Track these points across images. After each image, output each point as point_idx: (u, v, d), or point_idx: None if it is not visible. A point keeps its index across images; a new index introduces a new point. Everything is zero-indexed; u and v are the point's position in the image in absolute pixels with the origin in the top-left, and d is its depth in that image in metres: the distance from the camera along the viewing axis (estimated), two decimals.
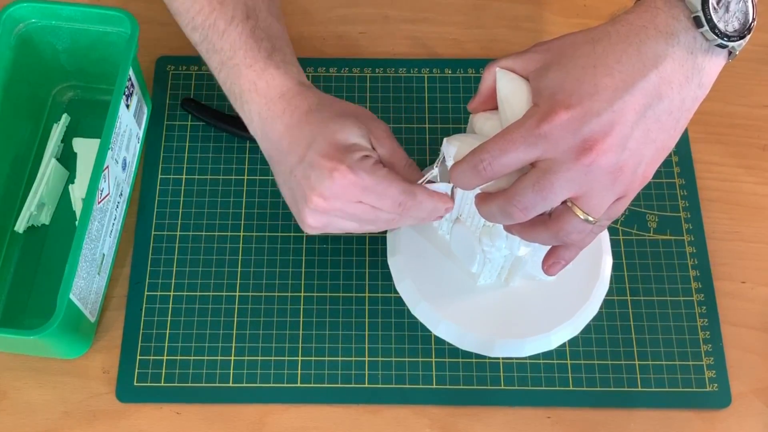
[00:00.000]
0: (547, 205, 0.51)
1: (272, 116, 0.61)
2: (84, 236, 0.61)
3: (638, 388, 0.67)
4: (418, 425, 0.66)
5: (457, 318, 0.64)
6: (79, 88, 0.77)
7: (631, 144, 0.49)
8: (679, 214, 0.74)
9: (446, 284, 0.66)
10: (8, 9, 0.67)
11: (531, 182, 0.50)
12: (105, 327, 0.69)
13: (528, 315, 0.65)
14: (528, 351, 0.64)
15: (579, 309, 0.65)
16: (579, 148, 0.48)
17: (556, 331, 0.64)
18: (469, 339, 0.64)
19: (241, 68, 0.62)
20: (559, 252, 0.57)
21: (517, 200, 0.51)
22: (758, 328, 0.70)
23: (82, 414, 0.66)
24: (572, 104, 0.48)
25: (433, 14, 0.83)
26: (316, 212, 0.58)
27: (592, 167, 0.48)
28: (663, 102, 0.49)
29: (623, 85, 0.48)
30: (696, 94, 0.50)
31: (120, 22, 0.68)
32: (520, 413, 0.67)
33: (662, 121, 0.49)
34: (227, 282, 0.70)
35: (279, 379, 0.67)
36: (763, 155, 0.77)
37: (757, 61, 0.81)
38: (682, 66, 0.48)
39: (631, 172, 0.50)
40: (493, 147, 0.50)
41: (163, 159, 0.75)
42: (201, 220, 0.73)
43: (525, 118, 0.50)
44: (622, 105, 0.48)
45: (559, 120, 0.48)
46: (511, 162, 0.50)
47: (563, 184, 0.49)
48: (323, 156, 0.57)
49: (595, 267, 0.66)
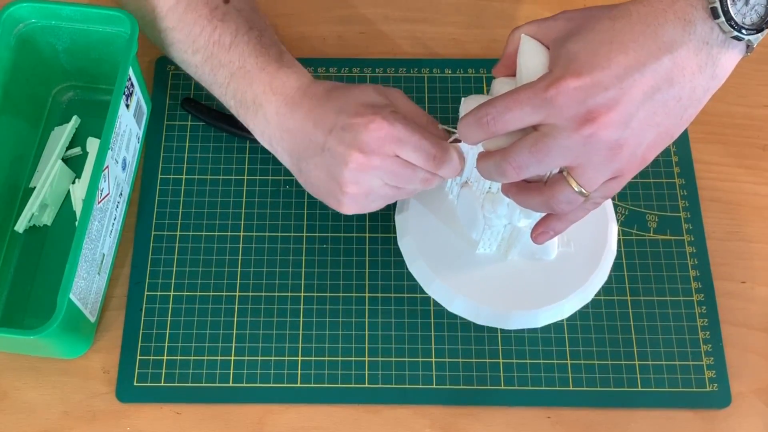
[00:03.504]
0: (541, 168, 0.51)
1: (292, 108, 0.63)
2: (84, 236, 0.61)
3: (638, 388, 0.67)
4: (418, 425, 0.66)
5: (471, 293, 0.65)
6: (79, 88, 0.77)
7: (634, 123, 0.49)
8: (679, 214, 0.74)
9: (458, 261, 0.66)
10: (8, 9, 0.67)
11: (529, 143, 0.51)
12: (105, 327, 0.69)
13: (539, 286, 0.66)
14: (543, 321, 0.65)
15: (589, 277, 0.65)
16: (582, 118, 0.48)
17: (569, 299, 0.65)
18: (484, 313, 0.65)
19: (254, 73, 0.64)
20: (550, 222, 0.58)
21: (512, 158, 0.51)
22: (758, 328, 0.70)
23: (82, 414, 0.66)
24: (582, 74, 0.48)
25: (433, 14, 0.83)
26: (357, 174, 0.59)
27: (592, 139, 0.49)
28: (673, 87, 0.49)
29: (636, 64, 0.48)
30: (708, 85, 0.50)
31: (120, 22, 0.68)
32: (520, 413, 0.67)
33: (669, 106, 0.49)
34: (227, 282, 0.70)
35: (279, 379, 0.67)
36: (763, 155, 0.77)
37: (757, 61, 0.81)
38: (697, 55, 0.48)
39: (630, 151, 0.50)
40: (499, 103, 0.51)
41: (163, 159, 0.75)
42: (201, 220, 0.73)
43: (536, 81, 0.50)
44: (631, 83, 0.48)
45: (567, 87, 0.48)
46: (515, 120, 0.51)
47: (560, 150, 0.50)
48: (355, 115, 0.59)
49: (602, 235, 0.67)
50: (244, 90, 0.65)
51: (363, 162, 0.59)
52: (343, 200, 0.62)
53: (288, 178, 0.74)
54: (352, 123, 0.59)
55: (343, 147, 0.59)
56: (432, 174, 0.60)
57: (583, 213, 0.56)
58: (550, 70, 0.51)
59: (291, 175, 0.74)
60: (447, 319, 0.69)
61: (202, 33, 0.66)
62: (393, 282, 0.70)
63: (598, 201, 0.55)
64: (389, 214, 0.72)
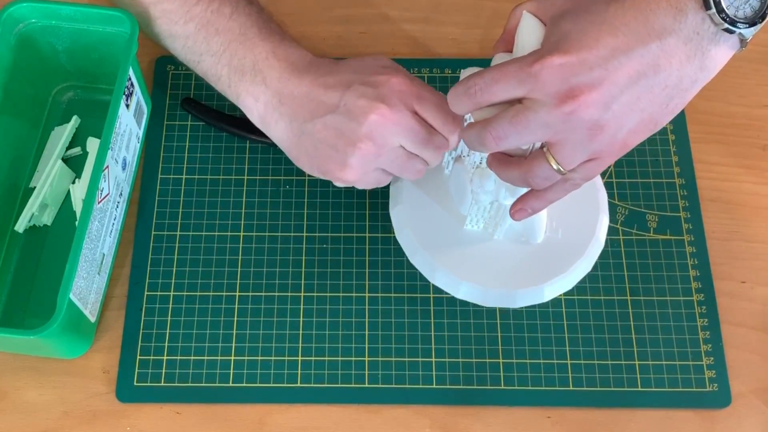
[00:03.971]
0: (520, 139, 0.52)
1: (297, 75, 0.63)
2: (84, 236, 0.61)
3: (638, 388, 0.67)
4: (418, 425, 0.66)
5: (453, 268, 0.66)
6: (79, 88, 0.77)
7: (616, 107, 0.49)
8: (679, 214, 0.74)
9: (446, 237, 0.67)
10: (8, 9, 0.67)
11: (510, 114, 0.51)
12: (105, 327, 0.69)
13: (521, 267, 0.66)
14: (520, 302, 0.65)
15: (573, 264, 0.66)
16: (563, 95, 0.49)
17: (550, 283, 0.65)
18: (464, 288, 0.65)
19: (256, 41, 0.64)
20: (528, 200, 0.59)
21: (493, 128, 0.52)
22: (758, 328, 0.70)
23: (82, 414, 0.66)
24: (569, 52, 0.49)
25: (433, 14, 0.83)
26: (375, 128, 0.59)
27: (572, 117, 0.49)
28: (659, 75, 0.49)
29: (623, 47, 0.49)
30: (696, 75, 0.50)
31: (120, 22, 0.68)
32: (520, 413, 0.67)
33: (654, 93, 0.50)
34: (227, 282, 0.70)
35: (279, 379, 0.67)
36: (763, 155, 0.77)
37: (757, 61, 0.81)
38: (686, 45, 0.49)
39: (611, 134, 0.51)
40: (487, 74, 0.52)
41: (163, 159, 0.75)
42: (201, 220, 0.73)
43: (525, 56, 0.51)
44: (616, 65, 0.49)
45: (552, 63, 0.49)
46: (500, 92, 0.51)
47: (539, 125, 0.50)
48: (375, 74, 0.60)
49: (591, 226, 0.67)
50: (243, 55, 0.64)
51: (385, 114, 0.59)
52: (349, 161, 0.61)
53: (288, 178, 0.74)
54: (373, 79, 0.60)
55: (364, 100, 0.59)
56: (445, 141, 0.61)
57: (563, 193, 0.57)
58: (541, 47, 0.52)
59: (291, 174, 0.74)
60: (447, 319, 0.69)
61: (199, 3, 0.65)
62: (393, 282, 0.70)
63: (578, 182, 0.55)
64: (389, 214, 0.72)
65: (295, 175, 0.75)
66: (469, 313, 0.69)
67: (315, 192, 0.74)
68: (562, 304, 0.70)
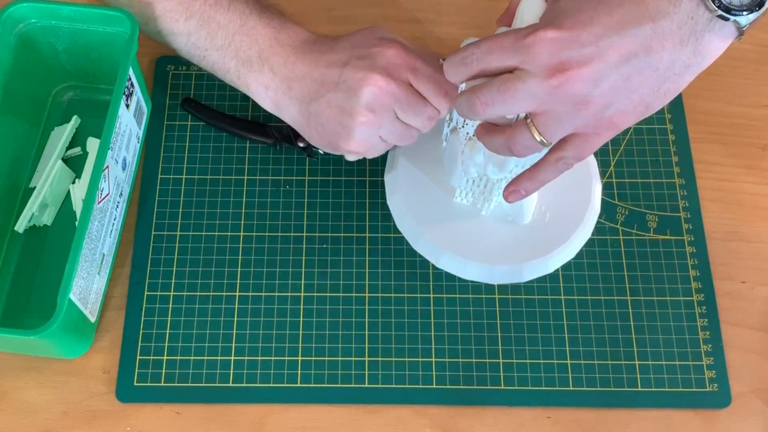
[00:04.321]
0: (506, 108, 0.53)
1: (301, 56, 0.65)
2: (84, 236, 0.61)
3: (638, 388, 0.67)
4: (418, 425, 0.66)
5: (435, 236, 0.67)
6: (79, 88, 0.77)
7: (605, 85, 0.50)
8: (679, 214, 0.74)
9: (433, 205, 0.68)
10: (8, 9, 0.67)
11: (499, 82, 0.52)
12: (105, 327, 0.69)
13: (526, 242, 0.67)
14: (527, 276, 0.66)
15: (572, 233, 0.67)
16: (553, 68, 0.50)
17: (553, 255, 0.66)
18: (444, 257, 0.66)
19: (258, 29, 0.65)
20: (521, 181, 0.59)
21: (481, 93, 0.53)
22: (758, 328, 0.70)
23: (82, 414, 0.66)
24: (563, 28, 0.50)
25: (433, 14, 0.83)
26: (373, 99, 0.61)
27: (559, 90, 0.50)
28: (650, 56, 0.50)
29: (616, 26, 0.49)
30: (689, 60, 0.50)
31: (120, 22, 0.68)
32: (520, 413, 0.67)
33: (645, 74, 0.50)
34: (227, 282, 0.70)
35: (279, 379, 0.67)
36: (763, 155, 0.77)
37: (757, 61, 0.81)
38: (680, 28, 0.49)
39: (597, 110, 0.51)
40: (483, 44, 0.53)
41: (163, 159, 0.75)
42: (201, 220, 0.73)
43: (521, 29, 0.52)
44: (608, 44, 0.49)
45: (544, 36, 0.50)
46: (494, 62, 0.52)
47: (526, 95, 0.51)
48: (371, 46, 0.62)
49: (586, 193, 0.68)
50: (248, 47, 0.65)
51: (381, 85, 0.61)
52: (354, 134, 0.63)
53: (288, 178, 0.74)
54: (369, 52, 0.62)
55: (361, 73, 0.61)
56: (436, 112, 0.63)
57: (555, 174, 0.57)
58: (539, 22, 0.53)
59: (291, 175, 0.74)
60: (447, 319, 0.69)
61: None
62: (393, 282, 0.70)
63: (570, 162, 0.56)
64: (389, 214, 0.72)
65: (295, 175, 0.75)
66: (469, 313, 0.69)
67: (315, 192, 0.74)
68: (562, 304, 0.70)
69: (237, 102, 0.77)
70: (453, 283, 0.70)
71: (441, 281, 0.70)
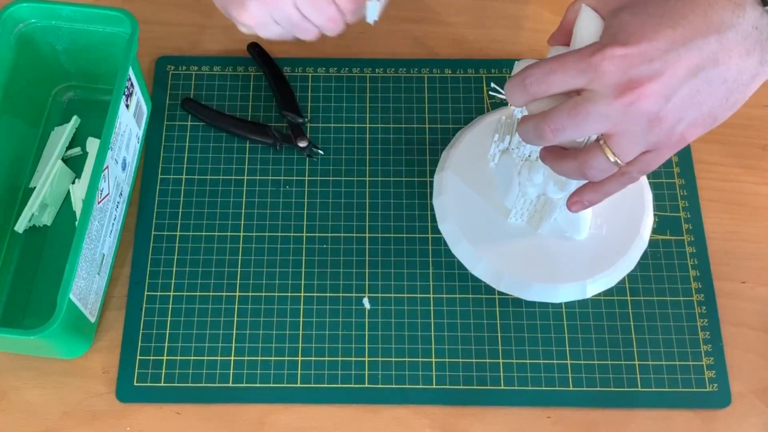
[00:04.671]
0: (578, 132, 0.51)
1: None
2: (84, 236, 0.61)
3: (638, 388, 0.67)
4: (418, 425, 0.66)
5: (494, 259, 0.67)
6: (79, 88, 0.77)
7: (676, 99, 0.49)
8: (679, 214, 0.74)
9: (489, 229, 0.68)
10: (8, 9, 0.67)
11: (569, 106, 0.51)
12: (105, 327, 0.69)
13: (564, 262, 0.67)
14: (562, 297, 0.67)
15: (616, 262, 0.67)
16: (624, 86, 0.49)
17: (593, 280, 0.67)
18: (506, 280, 0.67)
19: None
20: (585, 192, 0.58)
21: (551, 119, 0.52)
22: (758, 328, 0.70)
23: (82, 414, 0.66)
24: (629, 44, 0.49)
25: (433, 14, 0.83)
26: None
27: (631, 108, 0.49)
28: (718, 68, 0.49)
29: (682, 39, 0.49)
30: (756, 70, 0.50)
31: (120, 22, 0.68)
32: (520, 413, 0.67)
33: (713, 86, 0.50)
34: (227, 282, 0.70)
35: (279, 379, 0.67)
36: (763, 155, 0.77)
37: None
38: (745, 39, 0.49)
39: (669, 126, 0.50)
40: (545, 65, 0.51)
41: (163, 159, 0.75)
42: (201, 220, 0.73)
43: (584, 47, 0.51)
44: (676, 57, 0.49)
45: (612, 54, 0.49)
46: (558, 83, 0.51)
47: (599, 117, 0.50)
48: None
49: (636, 223, 0.69)
50: None
51: None
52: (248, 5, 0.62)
53: (288, 179, 0.74)
54: None
55: None
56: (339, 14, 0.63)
57: (620, 186, 0.56)
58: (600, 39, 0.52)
59: (291, 175, 0.74)
60: (447, 319, 0.69)
61: None
62: (393, 282, 0.70)
63: (634, 176, 0.55)
64: (389, 214, 0.72)
65: (295, 175, 0.75)
66: (469, 313, 0.69)
67: (315, 192, 0.74)
68: (562, 305, 0.70)
69: (237, 102, 0.77)
70: (453, 283, 0.70)
71: (441, 281, 0.70)
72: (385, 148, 0.76)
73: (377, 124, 0.77)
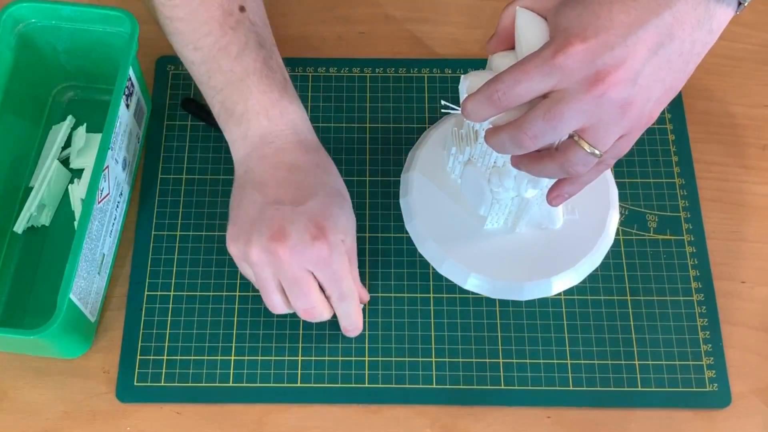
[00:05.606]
0: (556, 134, 0.52)
1: (281, 146, 0.64)
2: (84, 236, 0.61)
3: (638, 388, 0.67)
4: (418, 425, 0.66)
5: (462, 259, 0.67)
6: (79, 88, 0.77)
7: (642, 80, 0.50)
8: (679, 214, 0.74)
9: (466, 238, 0.68)
10: (8, 9, 0.67)
11: (542, 111, 0.51)
12: (105, 327, 0.69)
13: (550, 254, 0.68)
14: (528, 295, 0.67)
15: (581, 258, 0.67)
16: (591, 79, 0.49)
17: (558, 277, 0.67)
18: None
19: (253, 91, 0.64)
20: (563, 186, 0.59)
21: (527, 128, 0.52)
22: (758, 328, 0.70)
23: (82, 414, 0.66)
24: (588, 36, 0.49)
25: (433, 14, 0.83)
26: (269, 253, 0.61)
27: (603, 99, 0.49)
28: (674, 42, 0.50)
29: (638, 21, 0.49)
30: (706, 39, 0.51)
31: (120, 22, 0.68)
32: (520, 413, 0.67)
33: (672, 61, 0.50)
34: (227, 282, 0.70)
35: (279, 379, 0.67)
36: (763, 155, 0.77)
37: (757, 61, 0.81)
38: (695, 9, 0.49)
39: (639, 108, 0.51)
40: (507, 77, 0.51)
41: (163, 159, 0.75)
42: (201, 220, 0.73)
43: (540, 50, 0.51)
44: (635, 40, 0.49)
45: (574, 51, 0.49)
46: (525, 92, 0.51)
47: (573, 114, 0.50)
48: (313, 222, 0.61)
49: (601, 221, 0.69)
50: (236, 101, 0.64)
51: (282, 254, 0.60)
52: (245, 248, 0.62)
53: None
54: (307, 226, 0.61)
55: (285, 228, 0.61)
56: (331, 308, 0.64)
57: (596, 174, 0.57)
58: (551, 38, 0.51)
59: None
60: (447, 319, 0.69)
61: (210, 35, 0.64)
62: (393, 282, 0.70)
63: (609, 162, 0.56)
64: (389, 214, 0.72)
65: None
66: (469, 313, 0.69)
67: None
68: (562, 304, 0.70)
69: None
70: (453, 283, 0.70)
71: (441, 281, 0.70)
72: (385, 148, 0.76)
73: (377, 124, 0.77)
